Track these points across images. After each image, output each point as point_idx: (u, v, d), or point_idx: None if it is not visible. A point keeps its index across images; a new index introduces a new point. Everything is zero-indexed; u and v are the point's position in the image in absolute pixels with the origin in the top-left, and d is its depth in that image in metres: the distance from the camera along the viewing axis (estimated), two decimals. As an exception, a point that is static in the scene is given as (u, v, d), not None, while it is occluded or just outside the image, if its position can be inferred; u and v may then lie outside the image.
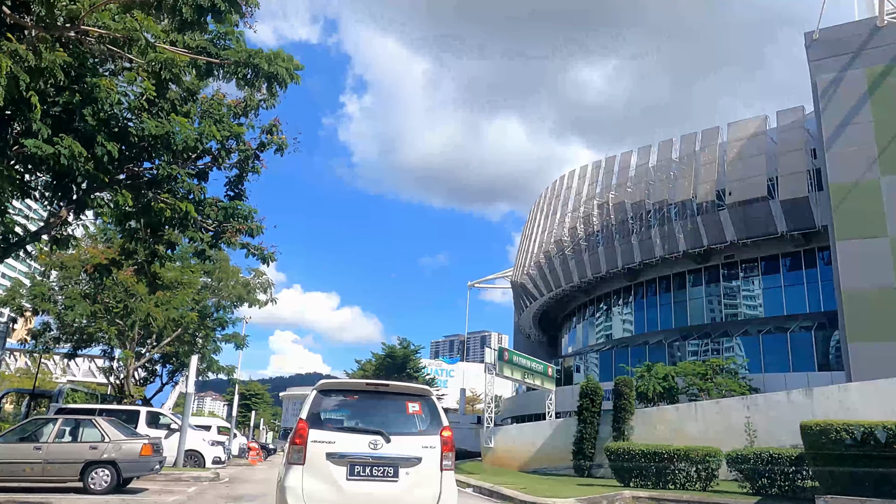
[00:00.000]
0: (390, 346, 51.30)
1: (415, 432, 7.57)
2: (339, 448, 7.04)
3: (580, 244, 43.54)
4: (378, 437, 7.17)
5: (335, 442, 7.11)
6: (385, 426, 7.37)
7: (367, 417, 7.77)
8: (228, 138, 16.01)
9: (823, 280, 34.61)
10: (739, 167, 34.76)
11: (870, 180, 28.94)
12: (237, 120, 16.52)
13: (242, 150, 16.57)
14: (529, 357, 29.24)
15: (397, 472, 7.08)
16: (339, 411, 8.05)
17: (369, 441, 7.14)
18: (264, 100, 16.93)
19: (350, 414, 8.04)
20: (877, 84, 29.74)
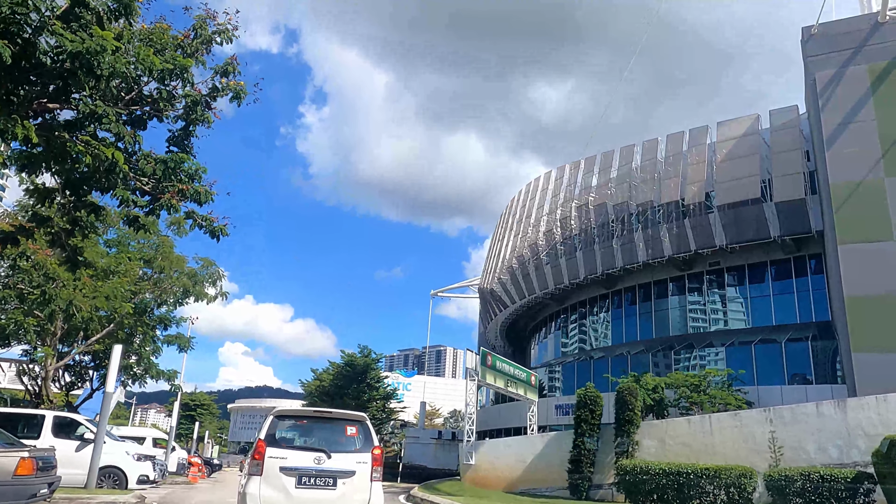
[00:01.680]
0: (350, 355, 47.77)
1: (351, 450, 9.44)
2: (290, 462, 8.97)
3: (557, 248, 41.11)
4: (321, 454, 9.11)
5: (287, 458, 9.03)
6: (327, 445, 9.36)
7: (313, 438, 9.81)
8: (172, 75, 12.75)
9: (815, 289, 32.91)
10: (730, 167, 32.87)
11: (873, 181, 27.20)
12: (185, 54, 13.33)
13: (189, 96, 13.36)
14: (513, 363, 26.44)
15: (336, 482, 8.99)
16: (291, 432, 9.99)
17: (314, 457, 9.08)
18: (219, 32, 13.85)
19: (300, 434, 10.01)
20: (880, 81, 28.16)
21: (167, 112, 13.79)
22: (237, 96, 14.08)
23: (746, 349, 30.88)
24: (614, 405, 19.10)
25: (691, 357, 33.20)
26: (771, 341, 30.92)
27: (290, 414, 10.19)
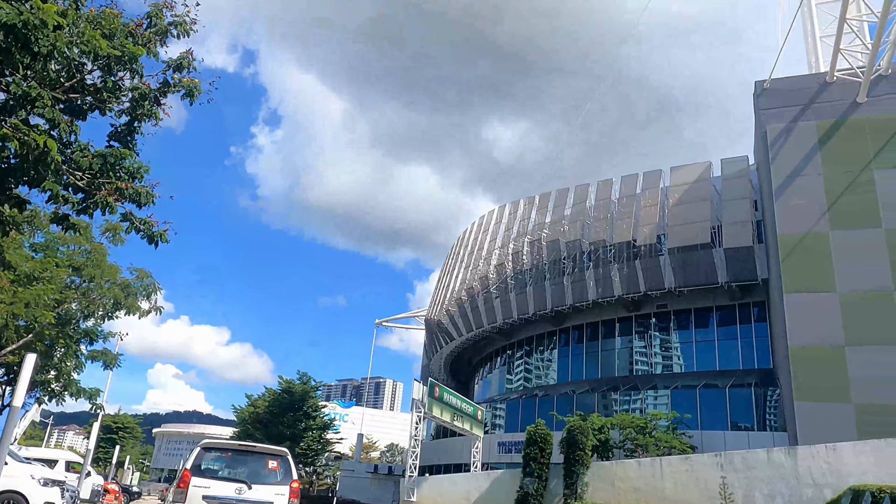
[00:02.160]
0: (288, 381, 45.95)
1: (271, 482, 10.22)
2: (213, 492, 9.78)
3: (507, 282, 40.77)
4: (243, 485, 9.96)
5: (210, 487, 9.80)
6: (249, 477, 10.15)
7: (236, 470, 10.46)
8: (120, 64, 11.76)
9: (758, 336, 33.42)
10: (682, 212, 33.35)
11: (819, 233, 27.93)
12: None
13: (137, 89, 12.35)
14: (460, 396, 25.60)
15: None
16: (217, 463, 10.65)
17: (236, 487, 9.92)
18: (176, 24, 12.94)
19: (224, 466, 10.62)
20: (827, 138, 29.17)
21: (111, 105, 12.70)
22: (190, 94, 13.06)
23: (691, 393, 30.92)
24: (563, 444, 18.48)
25: (636, 399, 33.04)
26: (714, 386, 31.06)
27: (217, 446, 11.15)
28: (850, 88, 29.61)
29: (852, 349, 25.82)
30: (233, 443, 12.05)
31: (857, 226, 27.40)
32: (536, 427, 19.40)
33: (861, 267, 26.78)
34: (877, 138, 28.39)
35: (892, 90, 29.02)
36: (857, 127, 28.90)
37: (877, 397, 24.93)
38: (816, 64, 34.39)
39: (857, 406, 25.03)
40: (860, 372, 25.40)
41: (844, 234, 27.45)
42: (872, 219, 27.26)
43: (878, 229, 27.04)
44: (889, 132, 28.37)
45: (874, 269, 26.53)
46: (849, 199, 27.93)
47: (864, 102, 29.11)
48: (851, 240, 27.25)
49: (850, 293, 26.57)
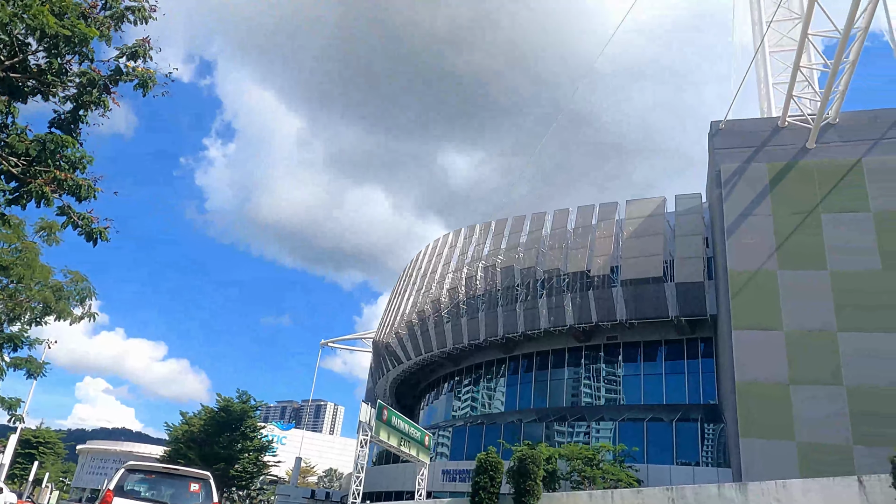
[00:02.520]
0: (226, 399, 44.09)
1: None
2: None
3: (459, 307, 40.33)
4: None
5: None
6: (171, 499, 10.74)
7: (159, 491, 10.98)
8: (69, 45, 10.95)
9: (704, 372, 33.79)
10: (636, 245, 33.68)
11: (768, 271, 28.51)
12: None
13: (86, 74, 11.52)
14: (409, 421, 24.81)
15: None
16: (140, 485, 11.07)
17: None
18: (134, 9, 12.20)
19: (147, 488, 11.05)
20: (777, 180, 30.01)
21: (55, 89, 11.83)
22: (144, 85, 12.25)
23: (638, 426, 30.87)
24: (513, 474, 17.94)
25: (582, 430, 32.81)
26: (661, 420, 31.12)
27: (141, 468, 11.39)
28: (801, 134, 30.63)
29: (796, 387, 26.24)
30: (157, 465, 12.13)
31: (805, 266, 28.08)
32: (487, 455, 18.83)
33: (807, 306, 27.39)
34: (824, 183, 29.34)
35: (838, 138, 30.12)
36: (806, 171, 29.83)
37: (819, 436, 25.32)
38: (768, 108, 35.57)
39: (799, 444, 25.36)
40: (804, 410, 25.80)
41: (792, 274, 28.08)
42: (819, 260, 27.99)
43: (824, 271, 27.76)
44: (835, 178, 29.37)
45: (819, 309, 27.16)
46: (797, 240, 28.66)
47: (813, 148, 30.12)
48: (798, 279, 27.88)
49: (796, 331, 27.11)
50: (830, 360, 26.33)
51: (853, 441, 24.87)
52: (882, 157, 29.15)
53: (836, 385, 25.92)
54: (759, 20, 38.16)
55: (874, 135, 29.79)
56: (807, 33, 26.51)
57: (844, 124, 30.27)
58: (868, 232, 27.99)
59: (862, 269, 27.47)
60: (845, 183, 29.18)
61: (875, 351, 26.02)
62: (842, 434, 25.16)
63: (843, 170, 29.43)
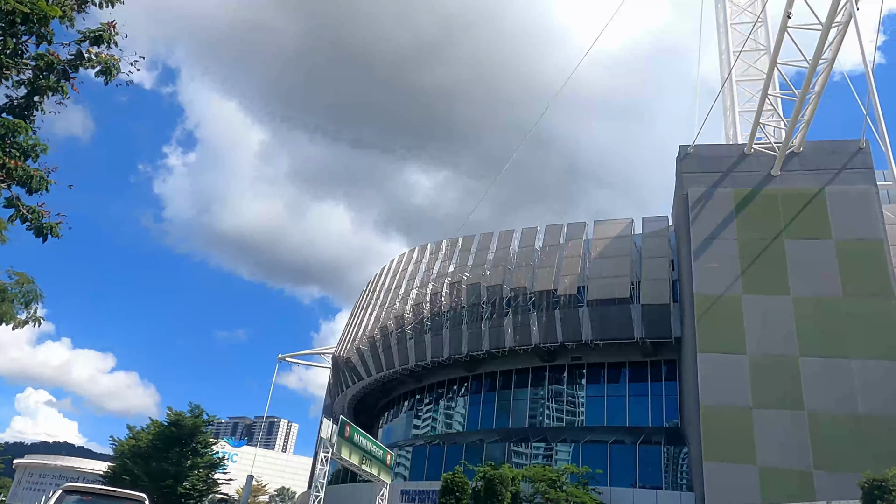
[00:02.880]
0: (178, 413, 42.32)
1: None
2: None
3: (423, 324, 39.71)
4: None
5: None
6: None
7: None
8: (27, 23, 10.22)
9: (667, 395, 33.81)
10: (603, 265, 33.71)
11: (733, 296, 28.71)
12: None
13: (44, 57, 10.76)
14: (371, 438, 23.99)
15: None
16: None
17: None
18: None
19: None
20: (743, 206, 30.40)
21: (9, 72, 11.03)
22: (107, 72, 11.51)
23: (601, 448, 30.61)
24: (479, 494, 17.35)
25: (545, 451, 32.39)
26: (623, 442, 30.92)
27: (78, 489, 11.94)
28: (766, 161, 31.16)
29: (759, 411, 26.33)
30: (94, 487, 12.75)
31: (768, 291, 28.38)
32: (454, 475, 18.24)
33: (770, 331, 27.63)
34: (788, 210, 29.83)
35: (802, 167, 30.72)
36: (770, 198, 30.31)
37: (780, 460, 25.40)
38: (734, 135, 36.18)
39: (761, 468, 25.37)
40: (766, 434, 25.87)
41: (756, 299, 28.34)
42: (782, 286, 28.33)
43: (787, 297, 28.10)
44: (799, 205, 29.90)
45: (782, 334, 27.41)
46: (761, 265, 28.99)
47: (778, 175, 30.65)
48: (762, 304, 28.15)
49: (759, 356, 27.29)
50: (792, 386, 26.54)
51: (814, 466, 25.00)
52: (843, 187, 29.82)
53: (797, 410, 26.10)
54: (726, 49, 39.01)
55: (836, 165, 30.49)
56: (775, 63, 27.06)
57: (808, 153, 30.92)
58: (830, 259, 28.48)
59: (824, 295, 27.90)
60: (808, 211, 29.72)
61: (835, 377, 26.33)
62: (803, 459, 25.29)
63: (807, 198, 29.99)
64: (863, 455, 24.87)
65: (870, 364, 26.25)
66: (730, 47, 37.87)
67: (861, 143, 30.63)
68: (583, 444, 31.10)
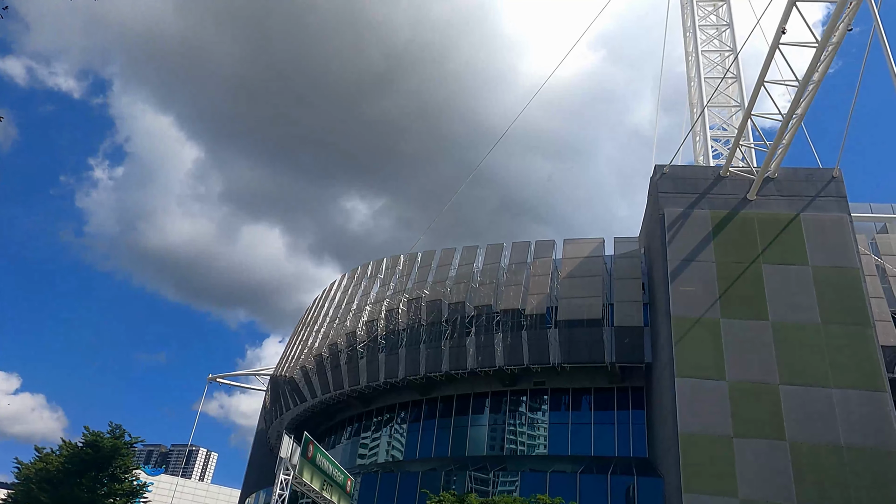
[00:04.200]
0: (95, 434, 37.80)
1: None
2: None
3: (378, 342, 37.15)
4: None
5: None
6: None
7: None
8: None
9: (634, 423, 32.35)
10: (574, 285, 32.25)
11: (711, 319, 27.68)
12: None
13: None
14: (333, 461, 21.22)
15: None
16: None
17: None
18: None
19: None
20: (720, 228, 29.69)
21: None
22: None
23: (570, 478, 28.66)
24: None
25: (510, 480, 30.18)
26: (591, 472, 29.13)
27: None
28: (741, 185, 30.64)
29: (740, 440, 25.10)
30: None
31: (747, 316, 27.49)
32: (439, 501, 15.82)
33: (749, 357, 26.62)
34: (765, 234, 29.24)
35: (777, 192, 30.34)
36: (747, 221, 29.69)
37: (762, 493, 24.12)
38: (706, 159, 35.74)
39: (743, 501, 24.03)
40: (747, 465, 24.61)
41: (735, 323, 27.38)
42: (760, 310, 27.50)
43: (766, 321, 27.25)
44: (775, 230, 29.37)
45: (762, 361, 26.45)
46: (739, 288, 28.14)
47: (754, 200, 30.13)
48: (741, 329, 27.20)
49: (739, 383, 26.20)
50: (773, 414, 25.48)
51: (797, 499, 23.82)
52: (818, 214, 29.53)
53: (778, 440, 25.01)
54: (696, 76, 38.95)
55: (810, 192, 30.25)
56: (763, 82, 26.54)
57: (783, 179, 30.61)
58: (807, 285, 27.91)
59: (802, 321, 27.20)
60: (785, 236, 29.23)
61: (815, 406, 25.44)
62: (784, 492, 24.11)
63: (783, 223, 29.53)
64: (845, 488, 23.97)
65: (850, 393, 25.52)
66: (700, 72, 37.74)
67: (835, 172, 30.57)
68: (550, 474, 29.08)
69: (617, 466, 29.39)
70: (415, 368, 35.21)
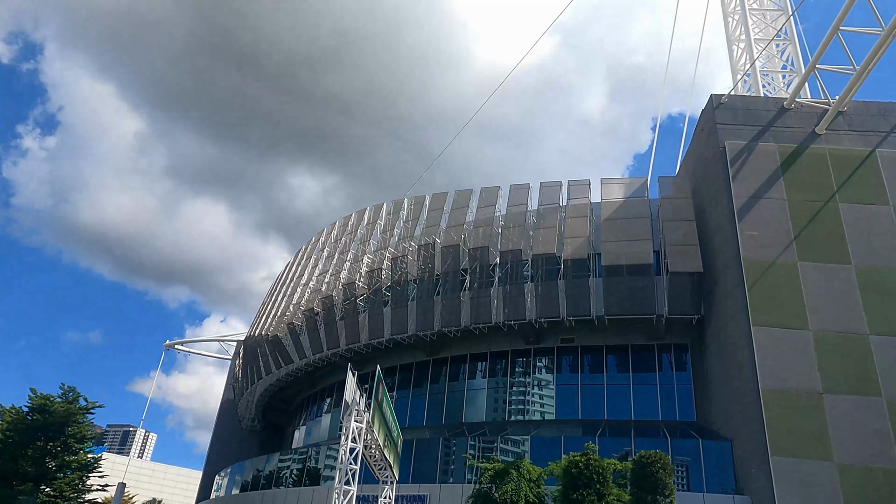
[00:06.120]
0: (44, 397, 32.16)
1: None
2: None
3: (382, 293, 32.60)
4: None
5: None
6: None
7: None
8: None
9: (680, 384, 28.94)
10: (618, 228, 28.41)
11: (787, 263, 24.31)
12: None
13: None
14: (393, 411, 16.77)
15: None
16: None
17: None
18: None
19: None
20: (789, 164, 26.29)
21: None
22: None
23: (622, 443, 24.94)
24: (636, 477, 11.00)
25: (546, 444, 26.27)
26: (646, 436, 25.56)
27: None
28: (807, 118, 27.40)
29: (831, 398, 21.85)
30: None
31: (826, 259, 24.27)
32: (585, 455, 11.68)
33: (833, 304, 23.43)
34: (839, 171, 26.06)
35: (847, 127, 27.19)
36: (818, 157, 26.45)
37: (861, 457, 20.91)
38: (774, 87, 32.38)
39: (840, 466, 20.78)
40: (841, 426, 21.38)
41: (814, 267, 24.12)
42: (841, 253, 24.33)
43: (848, 265, 24.09)
44: (850, 167, 26.22)
45: (847, 309, 23.28)
46: (815, 229, 24.89)
47: (823, 135, 26.91)
48: (821, 274, 23.96)
49: (823, 332, 22.94)
50: (864, 368, 22.35)
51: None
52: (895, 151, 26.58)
53: (873, 396, 21.90)
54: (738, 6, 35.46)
55: (884, 127, 27.20)
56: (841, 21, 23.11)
57: (853, 113, 27.46)
58: (890, 227, 24.89)
59: (888, 266, 24.17)
60: (861, 173, 26.10)
61: (911, 359, 22.49)
62: (884, 456, 20.99)
63: (858, 159, 26.40)
64: (953, 449, 21.08)
65: (947, 344, 22.62)
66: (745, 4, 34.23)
67: (911, 106, 27.65)
68: (599, 438, 25.26)
69: (669, 431, 25.88)
70: (427, 323, 30.86)
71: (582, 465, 12.19)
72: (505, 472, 20.52)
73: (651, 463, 11.70)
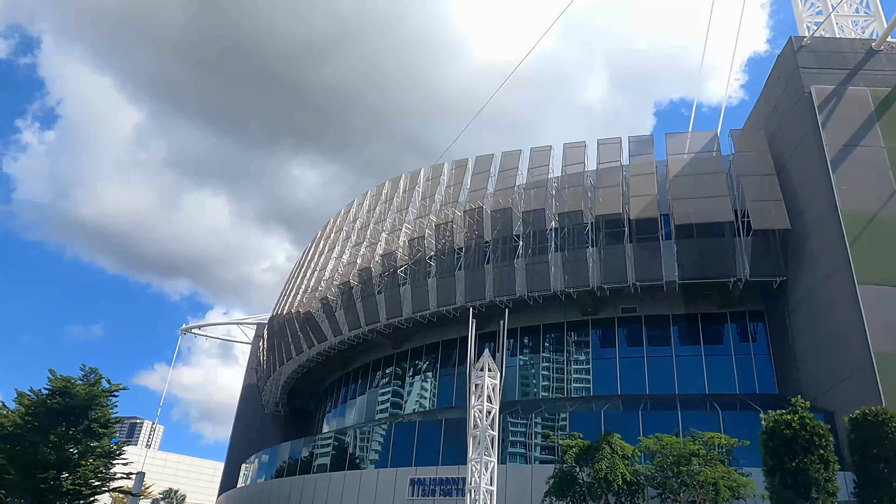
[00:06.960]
0: (65, 379, 29.91)
1: None
2: None
3: (426, 264, 30.26)
4: None
5: None
6: None
7: None
8: None
9: (757, 353, 26.67)
10: (688, 185, 26.03)
11: (889, 217, 21.93)
12: None
13: None
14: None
15: None
16: None
17: None
18: None
19: None
20: (884, 108, 23.81)
21: None
22: None
23: (711, 417, 22.67)
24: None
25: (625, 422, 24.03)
26: (734, 409, 23.29)
27: None
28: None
29: (953, 362, 19.57)
30: None
31: (935, 212, 21.91)
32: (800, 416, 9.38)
33: (947, 261, 21.11)
34: (941, 116, 23.63)
35: (944, 70, 24.72)
36: (915, 101, 24.01)
37: None
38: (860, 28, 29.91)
39: (970, 437, 18.48)
40: (967, 393, 19.15)
41: (921, 220, 21.76)
42: (951, 206, 21.96)
43: (960, 218, 21.70)
44: (952, 112, 23.76)
45: (963, 265, 20.99)
46: (920, 179, 22.51)
47: (918, 77, 24.44)
48: (931, 227, 21.62)
49: (938, 292, 20.62)
50: None
51: None
52: None
53: None
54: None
55: (984, 69, 24.77)
56: None
57: (950, 55, 25.03)
58: None
59: None
60: (965, 119, 23.72)
61: None
62: None
63: (960, 104, 23.97)
64: None
65: None
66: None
67: None
68: (682, 413, 22.99)
69: (758, 405, 23.56)
70: (478, 293, 28.51)
71: (797, 426, 9.92)
72: (595, 449, 18.29)
73: (882, 422, 9.29)
